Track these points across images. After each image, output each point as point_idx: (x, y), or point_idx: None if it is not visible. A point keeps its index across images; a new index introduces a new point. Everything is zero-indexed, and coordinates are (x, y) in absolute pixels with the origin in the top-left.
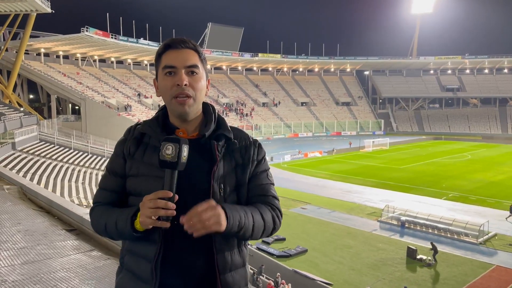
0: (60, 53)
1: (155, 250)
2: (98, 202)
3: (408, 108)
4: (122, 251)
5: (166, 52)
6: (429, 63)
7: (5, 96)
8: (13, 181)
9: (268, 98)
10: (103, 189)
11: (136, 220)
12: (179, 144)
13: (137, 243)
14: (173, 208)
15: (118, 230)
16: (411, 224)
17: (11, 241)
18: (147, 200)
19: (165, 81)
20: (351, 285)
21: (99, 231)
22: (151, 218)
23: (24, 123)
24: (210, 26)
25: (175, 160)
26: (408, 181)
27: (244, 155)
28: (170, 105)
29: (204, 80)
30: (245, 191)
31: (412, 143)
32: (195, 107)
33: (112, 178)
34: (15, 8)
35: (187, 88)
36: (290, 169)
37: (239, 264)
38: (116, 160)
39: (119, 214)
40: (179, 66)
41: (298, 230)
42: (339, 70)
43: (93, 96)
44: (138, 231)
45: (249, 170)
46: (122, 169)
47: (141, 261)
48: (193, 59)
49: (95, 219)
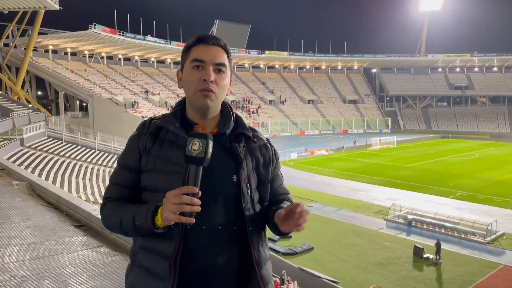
0: (68, 50)
1: (174, 247)
2: (110, 197)
3: (415, 106)
4: (133, 248)
5: (197, 46)
6: (437, 61)
7: (14, 92)
8: (22, 177)
9: (275, 96)
10: (115, 184)
11: (157, 216)
12: (206, 139)
13: (153, 239)
14: (199, 204)
15: (137, 225)
16: (418, 223)
17: (20, 236)
18: (171, 195)
19: (192, 74)
20: (357, 283)
21: (112, 227)
22: (175, 214)
23: (32, 120)
24: (217, 23)
25: (202, 155)
26: (415, 179)
27: (265, 154)
28: (193, 98)
29: (228, 79)
30: (266, 189)
31: (420, 142)
32: (216, 104)
33: (125, 173)
34: (23, 5)
35: (212, 84)
36: (296, 167)
37: (267, 257)
38: (130, 154)
39: (137, 210)
40: (208, 61)
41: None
42: (346, 67)
43: (100, 93)
44: (158, 227)
45: (271, 169)
46: (137, 164)
47: (158, 258)
48: (222, 57)
49: (108, 215)
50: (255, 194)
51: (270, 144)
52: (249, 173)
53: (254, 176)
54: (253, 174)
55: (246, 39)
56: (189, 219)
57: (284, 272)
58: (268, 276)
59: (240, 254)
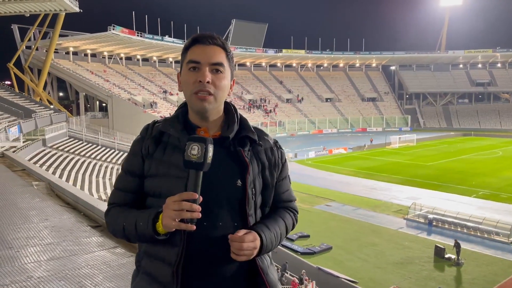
0: (88, 52)
1: (176, 253)
2: (114, 203)
3: (436, 103)
4: (138, 254)
5: (193, 47)
6: (459, 57)
7: (36, 94)
8: (41, 177)
9: (292, 94)
10: (119, 190)
11: (158, 222)
12: (205, 144)
13: (156, 245)
14: (199, 210)
15: (138, 232)
16: (439, 222)
17: (38, 237)
18: (171, 201)
19: (188, 76)
20: (376, 283)
21: (116, 233)
22: (175, 220)
23: (54, 120)
24: (234, 22)
25: (201, 160)
26: (436, 178)
27: (270, 158)
28: (190, 101)
29: (228, 79)
30: (270, 193)
31: (440, 140)
32: (216, 106)
33: (129, 178)
34: (44, 8)
35: (209, 85)
36: (314, 166)
37: (269, 262)
38: (133, 159)
39: (139, 216)
40: (203, 62)
41: (322, 227)
42: (364, 65)
43: (119, 93)
44: (159, 233)
45: (276, 173)
46: (140, 169)
47: (161, 264)
48: (219, 56)
49: (112, 221)
50: (258, 199)
51: (277, 147)
52: (255, 178)
53: (260, 180)
54: (258, 179)
55: (263, 38)
56: (189, 226)
57: (303, 272)
58: (274, 280)
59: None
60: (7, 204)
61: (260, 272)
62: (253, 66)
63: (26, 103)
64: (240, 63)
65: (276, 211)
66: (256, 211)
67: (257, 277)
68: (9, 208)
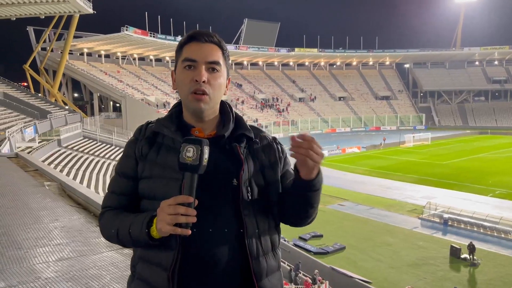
0: (101, 52)
1: (171, 258)
2: (108, 206)
3: (451, 101)
4: (133, 259)
5: (189, 44)
6: (474, 54)
7: (51, 95)
8: (53, 177)
9: (305, 93)
10: (113, 193)
11: (153, 226)
12: (201, 145)
13: (151, 250)
14: (194, 214)
15: (132, 237)
16: (454, 222)
17: (47, 237)
18: (165, 205)
19: (183, 75)
20: (390, 284)
21: (110, 237)
22: (170, 225)
23: (69, 121)
24: (246, 22)
25: (196, 163)
26: (451, 177)
27: (269, 155)
28: (185, 100)
29: (224, 78)
30: (277, 189)
31: (456, 138)
32: (211, 106)
33: (123, 181)
34: (59, 10)
35: (204, 85)
36: (328, 165)
37: (275, 268)
38: (126, 161)
39: (133, 220)
40: (200, 60)
41: (335, 227)
42: (378, 63)
43: (133, 94)
44: (154, 238)
45: (279, 168)
46: (134, 171)
47: (156, 269)
48: (215, 54)
49: (106, 225)
50: (258, 197)
51: (276, 143)
52: (250, 176)
53: (259, 179)
54: (256, 177)
55: (276, 37)
56: (184, 231)
57: (316, 272)
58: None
59: (241, 263)
60: (19, 204)
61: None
62: (265, 66)
63: (41, 104)
64: (252, 62)
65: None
66: (256, 211)
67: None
68: (20, 209)
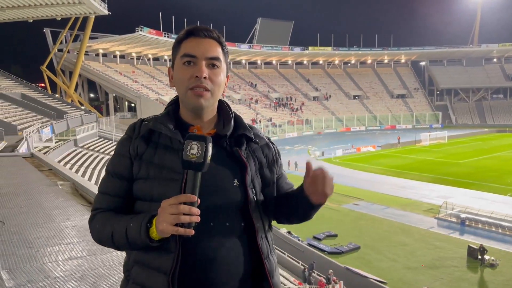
0: (116, 53)
1: (171, 261)
2: (100, 208)
3: (468, 99)
4: (127, 263)
5: (187, 40)
6: (492, 51)
7: (68, 95)
8: (66, 177)
9: (319, 92)
10: (105, 194)
11: (152, 227)
12: (205, 142)
13: (147, 253)
14: (198, 213)
15: (129, 239)
16: (472, 221)
17: (58, 236)
18: (167, 205)
19: (182, 71)
20: (406, 284)
21: (102, 241)
22: (173, 225)
23: (85, 121)
24: (259, 21)
25: (201, 160)
26: (469, 176)
27: (268, 155)
28: (185, 97)
29: (224, 75)
30: (273, 191)
31: (473, 136)
32: (212, 103)
33: (116, 181)
34: (75, 12)
35: (205, 81)
36: (342, 164)
37: (276, 263)
38: (120, 161)
39: (130, 222)
40: (199, 56)
41: (350, 227)
42: (393, 61)
43: (147, 94)
44: (153, 240)
45: (276, 169)
46: (128, 171)
47: (154, 273)
48: (215, 50)
49: (98, 228)
50: (260, 198)
51: (272, 143)
52: (253, 177)
53: (258, 179)
54: (256, 177)
55: (289, 36)
56: (188, 231)
57: (330, 272)
58: (278, 283)
59: (248, 265)
60: (32, 203)
61: (267, 276)
62: (279, 65)
63: (58, 104)
64: (266, 61)
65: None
66: (260, 211)
67: (264, 281)
68: (33, 208)
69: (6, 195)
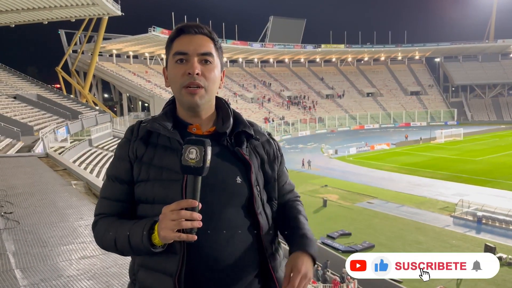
0: (130, 53)
1: (177, 263)
2: (102, 213)
3: (484, 95)
4: (132, 266)
5: (179, 38)
6: (509, 46)
7: (82, 96)
8: (80, 176)
9: (332, 90)
10: (106, 199)
11: (154, 233)
12: (204, 146)
13: (152, 256)
14: (200, 219)
15: (132, 246)
16: (489, 220)
17: (71, 235)
18: (168, 211)
19: (175, 69)
20: (421, 283)
21: (106, 247)
22: (174, 231)
23: (99, 121)
24: (272, 19)
25: (200, 165)
26: (485, 173)
27: (269, 151)
28: (179, 96)
29: (218, 70)
30: (274, 187)
31: (490, 133)
32: (207, 99)
33: (117, 186)
34: (89, 13)
35: (199, 77)
36: (356, 162)
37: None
38: (120, 164)
39: (132, 228)
40: (191, 52)
41: (364, 225)
42: (407, 58)
43: (160, 94)
44: (156, 246)
45: (277, 165)
46: (129, 175)
47: (160, 276)
48: (207, 46)
49: (101, 234)
50: (264, 195)
51: (273, 139)
52: (256, 174)
53: (260, 176)
54: (259, 174)
55: (302, 34)
56: (190, 237)
57: (344, 270)
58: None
59: (254, 263)
60: (47, 203)
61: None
62: (291, 63)
63: (73, 105)
64: (278, 60)
65: (290, 208)
66: (264, 208)
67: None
68: (48, 207)
69: (22, 195)
